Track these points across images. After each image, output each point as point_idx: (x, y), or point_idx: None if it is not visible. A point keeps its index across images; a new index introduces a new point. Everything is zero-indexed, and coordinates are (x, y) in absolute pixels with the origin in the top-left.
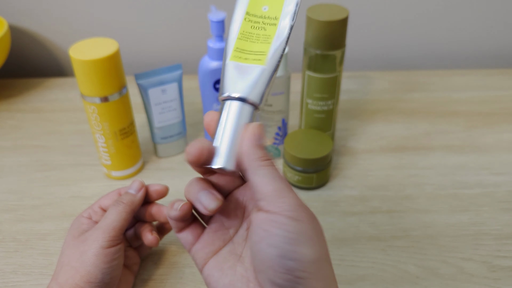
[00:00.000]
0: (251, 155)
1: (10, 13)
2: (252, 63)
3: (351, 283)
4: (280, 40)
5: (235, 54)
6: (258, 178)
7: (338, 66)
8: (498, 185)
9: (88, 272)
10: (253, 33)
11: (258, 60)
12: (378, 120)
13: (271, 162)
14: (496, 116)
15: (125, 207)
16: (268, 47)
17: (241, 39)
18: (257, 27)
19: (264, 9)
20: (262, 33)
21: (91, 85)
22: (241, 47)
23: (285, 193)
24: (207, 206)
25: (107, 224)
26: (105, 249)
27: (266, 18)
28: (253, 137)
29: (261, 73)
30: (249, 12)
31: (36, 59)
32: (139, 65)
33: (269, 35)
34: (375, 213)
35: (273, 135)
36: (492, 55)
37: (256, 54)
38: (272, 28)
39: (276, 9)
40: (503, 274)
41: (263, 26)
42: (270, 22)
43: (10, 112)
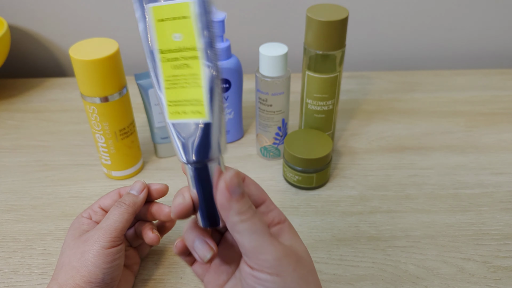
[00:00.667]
0: (227, 211)
1: (10, 13)
2: (192, 117)
3: (351, 283)
4: (212, 78)
5: (171, 110)
6: (237, 235)
7: (338, 66)
8: (498, 185)
9: (89, 272)
10: (178, 76)
11: (198, 112)
12: (378, 120)
13: (250, 214)
14: (496, 116)
15: (127, 208)
16: (201, 92)
17: (169, 88)
18: (179, 66)
19: (176, 38)
20: (188, 73)
21: (91, 85)
22: (173, 98)
23: (264, 248)
24: (202, 257)
25: (109, 225)
26: (106, 250)
27: (183, 51)
28: (226, 191)
29: (207, 129)
30: (162, 48)
31: (36, 59)
32: (139, 65)
33: (196, 74)
34: (375, 213)
35: (273, 135)
36: (492, 55)
37: (192, 104)
38: (195, 62)
39: (189, 34)
40: (503, 274)
41: (185, 62)
42: (190, 55)
43: (10, 112)
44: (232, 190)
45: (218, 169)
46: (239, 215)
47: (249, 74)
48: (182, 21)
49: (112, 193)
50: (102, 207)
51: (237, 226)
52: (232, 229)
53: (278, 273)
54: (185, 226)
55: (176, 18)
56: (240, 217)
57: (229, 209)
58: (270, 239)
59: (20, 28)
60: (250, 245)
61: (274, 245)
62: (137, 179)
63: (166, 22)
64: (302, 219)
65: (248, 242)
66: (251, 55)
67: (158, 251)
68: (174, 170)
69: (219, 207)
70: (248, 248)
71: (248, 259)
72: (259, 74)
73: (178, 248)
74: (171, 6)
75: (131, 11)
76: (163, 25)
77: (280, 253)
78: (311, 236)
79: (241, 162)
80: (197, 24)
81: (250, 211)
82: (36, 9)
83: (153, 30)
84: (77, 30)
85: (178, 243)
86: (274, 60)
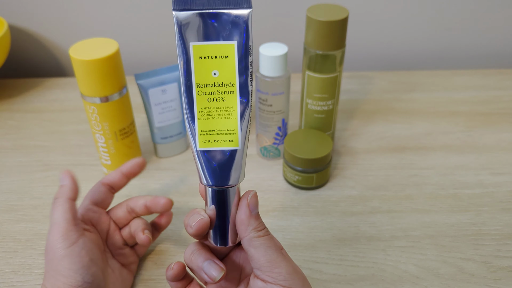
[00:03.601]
0: (246, 226)
1: (10, 13)
2: (223, 146)
3: (351, 283)
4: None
5: (203, 139)
6: (253, 249)
7: (338, 66)
8: (498, 185)
9: (66, 276)
10: (212, 108)
11: (230, 141)
12: (378, 120)
13: (266, 231)
14: (496, 116)
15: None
16: (235, 123)
17: (202, 119)
18: (214, 99)
19: (214, 75)
20: (223, 106)
21: (91, 85)
22: (206, 128)
23: (279, 263)
24: (212, 276)
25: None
26: (67, 249)
27: (220, 86)
28: (248, 208)
29: (236, 156)
30: (199, 83)
31: (36, 59)
32: (139, 65)
33: (231, 107)
34: (375, 213)
35: (273, 135)
36: (492, 55)
37: (225, 134)
38: (231, 97)
39: (228, 72)
40: (503, 274)
41: (221, 96)
42: (227, 90)
43: (10, 112)
44: (252, 208)
45: (237, 192)
46: (256, 231)
47: None
48: (224, 60)
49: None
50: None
51: (254, 241)
52: (248, 244)
53: (290, 285)
54: (189, 250)
55: (218, 56)
56: (257, 233)
57: (248, 225)
58: (283, 255)
59: (20, 28)
60: (265, 259)
61: (287, 261)
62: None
63: (206, 60)
64: (302, 219)
65: (264, 256)
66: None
67: (158, 251)
68: (174, 170)
69: (238, 223)
70: (263, 262)
71: (262, 272)
72: (259, 74)
73: (176, 270)
74: (214, 46)
75: (131, 11)
76: (203, 62)
77: (291, 269)
78: (311, 236)
79: None
80: (238, 64)
81: (265, 228)
82: (36, 9)
83: (192, 66)
84: (77, 30)
85: (175, 265)
86: (274, 60)
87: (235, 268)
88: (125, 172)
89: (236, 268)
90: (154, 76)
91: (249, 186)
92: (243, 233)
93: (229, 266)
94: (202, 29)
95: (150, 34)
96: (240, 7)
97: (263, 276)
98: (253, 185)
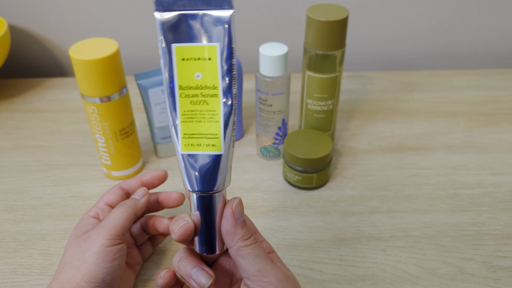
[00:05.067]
0: (232, 236)
1: (10, 13)
2: (206, 150)
3: (351, 283)
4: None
5: (186, 142)
6: (241, 259)
7: (338, 66)
8: (498, 185)
9: (89, 271)
10: (195, 111)
11: (213, 145)
12: (378, 120)
13: (253, 239)
14: (496, 116)
15: (127, 208)
16: (217, 127)
17: (185, 122)
18: (197, 102)
19: (198, 77)
20: (206, 109)
21: (91, 85)
22: (188, 131)
23: (268, 271)
24: (201, 284)
25: (109, 223)
26: (106, 248)
27: (204, 89)
28: (232, 217)
29: (220, 161)
30: (182, 85)
31: (36, 59)
32: (139, 65)
33: (214, 111)
34: (375, 213)
35: (273, 135)
36: (492, 55)
37: (207, 138)
38: (215, 100)
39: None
40: (503, 274)
41: (204, 99)
42: (210, 93)
43: (10, 112)
44: (238, 216)
45: (222, 198)
46: (243, 240)
47: (249, 74)
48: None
49: (114, 188)
50: (108, 203)
51: (241, 250)
52: (235, 253)
53: None
54: (177, 256)
55: (200, 58)
56: (244, 242)
57: (234, 234)
58: (272, 263)
59: (20, 28)
60: (254, 268)
61: (276, 268)
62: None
63: (189, 61)
64: (302, 219)
65: (253, 265)
66: (251, 55)
67: (158, 251)
68: (174, 170)
69: (224, 233)
70: (252, 272)
71: (252, 282)
72: (259, 74)
73: (166, 278)
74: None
75: (131, 11)
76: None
77: (281, 276)
78: (311, 236)
79: (241, 162)
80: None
81: (253, 237)
82: (36, 9)
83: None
84: (77, 30)
85: (165, 273)
86: (274, 60)
87: (225, 273)
88: (144, 182)
89: (226, 274)
90: (154, 76)
91: (249, 186)
92: (229, 243)
93: (219, 272)
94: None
95: (150, 34)
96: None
97: (253, 285)
98: (253, 185)
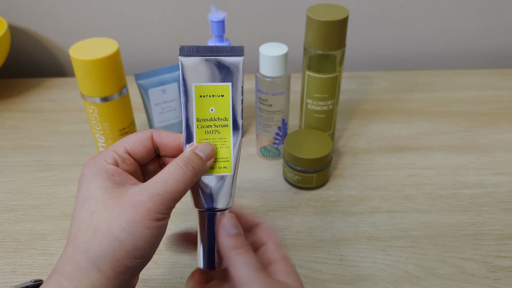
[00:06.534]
0: (226, 245)
1: (10, 13)
2: (219, 172)
3: (351, 283)
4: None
5: None
6: (232, 267)
7: (338, 66)
8: (498, 185)
9: (137, 247)
10: (209, 139)
11: (224, 168)
12: (378, 120)
13: (245, 249)
14: (496, 116)
15: (192, 174)
16: (228, 152)
17: None
18: (210, 131)
19: (212, 111)
20: (218, 137)
21: (91, 85)
22: None
23: (251, 281)
24: None
25: (169, 192)
26: (159, 222)
27: (216, 120)
28: (225, 229)
29: (229, 181)
30: (199, 117)
31: (36, 59)
32: (139, 65)
33: (225, 138)
34: (375, 213)
35: (273, 135)
36: (492, 55)
37: (219, 162)
38: (225, 129)
39: (223, 108)
40: (503, 274)
41: (216, 129)
42: (222, 124)
43: (10, 112)
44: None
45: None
46: (235, 249)
47: (249, 74)
48: (220, 98)
49: (142, 135)
50: (131, 153)
51: (233, 258)
52: (228, 261)
53: None
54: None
55: (215, 95)
56: (236, 250)
57: (228, 244)
58: (258, 273)
59: (20, 28)
60: (238, 277)
61: (261, 278)
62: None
63: (205, 98)
64: (302, 219)
65: (238, 273)
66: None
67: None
68: None
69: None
70: (237, 280)
71: None
72: (259, 74)
73: None
74: (213, 86)
75: (131, 11)
76: (203, 99)
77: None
78: (311, 236)
79: (241, 162)
80: (231, 101)
81: (244, 247)
82: (36, 9)
83: (193, 103)
84: (77, 30)
85: None
86: (274, 60)
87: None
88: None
89: None
90: (154, 76)
91: (249, 186)
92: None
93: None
94: (203, 72)
95: (150, 34)
96: (235, 55)
97: None
98: (253, 185)
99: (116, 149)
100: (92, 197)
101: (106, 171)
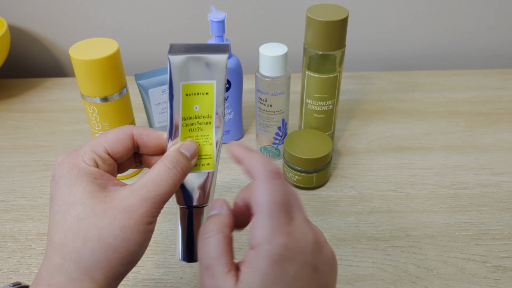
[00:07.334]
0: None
1: (10, 13)
2: (203, 169)
3: (351, 283)
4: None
5: None
6: None
7: (338, 66)
8: (498, 185)
9: (131, 253)
10: (192, 136)
11: (207, 165)
12: (378, 120)
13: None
14: (496, 116)
15: (181, 174)
16: (211, 149)
17: None
18: (194, 129)
19: (196, 109)
20: (201, 134)
21: (91, 85)
22: None
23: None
24: None
25: (160, 195)
26: (150, 225)
27: (200, 118)
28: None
29: (212, 177)
30: (184, 116)
31: (36, 59)
32: (139, 65)
33: (208, 135)
34: (374, 213)
35: (273, 135)
36: (492, 55)
37: (203, 158)
38: (208, 126)
39: (207, 106)
40: (503, 274)
41: (199, 126)
42: (205, 121)
43: (10, 112)
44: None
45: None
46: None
47: (249, 74)
48: (204, 96)
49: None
50: (111, 153)
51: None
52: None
53: None
54: None
55: (200, 93)
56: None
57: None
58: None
59: (20, 28)
60: None
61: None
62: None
63: (191, 96)
64: None
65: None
66: (251, 55)
67: (158, 251)
68: None
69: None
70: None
71: None
72: (259, 74)
73: None
74: (198, 85)
75: (131, 11)
76: (189, 98)
77: None
78: None
79: None
80: (216, 99)
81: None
82: (36, 9)
83: (180, 102)
84: (77, 30)
85: None
86: (274, 60)
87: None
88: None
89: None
90: (154, 76)
91: None
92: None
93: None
94: (189, 70)
95: (150, 34)
96: (219, 52)
97: None
98: None
99: (95, 149)
100: (78, 202)
101: (87, 174)
